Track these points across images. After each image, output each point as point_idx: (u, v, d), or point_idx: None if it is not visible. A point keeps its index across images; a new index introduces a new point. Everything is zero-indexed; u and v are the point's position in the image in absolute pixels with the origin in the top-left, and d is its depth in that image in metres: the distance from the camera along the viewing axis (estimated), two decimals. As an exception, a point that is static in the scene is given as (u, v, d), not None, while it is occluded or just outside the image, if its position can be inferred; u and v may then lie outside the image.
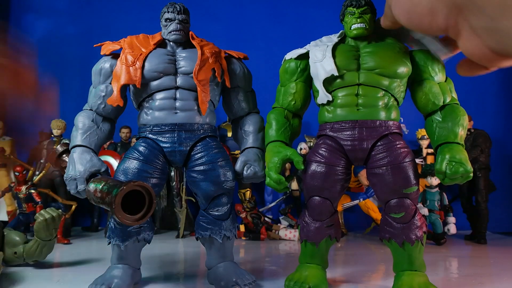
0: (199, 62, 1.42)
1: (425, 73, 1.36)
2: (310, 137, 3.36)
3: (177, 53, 1.47)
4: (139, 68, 1.39)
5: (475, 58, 0.37)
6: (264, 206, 3.29)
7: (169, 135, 1.43)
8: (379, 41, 1.39)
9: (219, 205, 1.44)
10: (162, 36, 1.50)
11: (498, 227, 3.41)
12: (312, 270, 1.41)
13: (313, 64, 1.40)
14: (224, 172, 1.43)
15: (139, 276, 1.50)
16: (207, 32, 1.85)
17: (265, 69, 2.74)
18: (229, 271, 1.43)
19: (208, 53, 1.45)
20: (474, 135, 2.99)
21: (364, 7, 1.36)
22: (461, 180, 1.24)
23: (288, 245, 2.62)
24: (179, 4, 1.49)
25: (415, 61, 1.38)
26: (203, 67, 1.42)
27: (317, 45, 1.44)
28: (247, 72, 1.56)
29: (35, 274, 1.70)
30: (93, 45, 1.53)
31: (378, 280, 1.64)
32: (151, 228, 1.47)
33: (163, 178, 1.45)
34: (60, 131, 3.11)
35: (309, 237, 1.42)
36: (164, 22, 1.48)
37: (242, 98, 1.55)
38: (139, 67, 1.39)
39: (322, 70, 1.36)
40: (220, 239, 1.44)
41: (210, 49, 1.48)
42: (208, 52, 1.46)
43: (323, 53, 1.38)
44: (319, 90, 1.39)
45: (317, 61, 1.38)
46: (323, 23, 1.47)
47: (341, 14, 1.43)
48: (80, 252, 2.25)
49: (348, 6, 1.38)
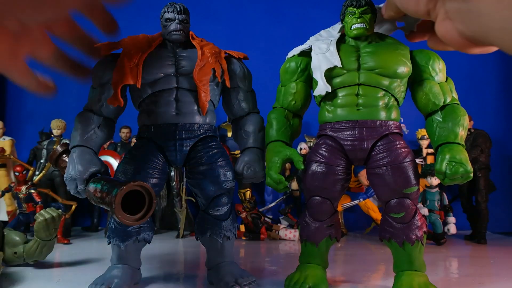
0: (199, 62, 1.42)
1: (426, 73, 1.36)
2: (310, 137, 3.36)
3: (177, 53, 1.47)
4: (139, 68, 1.39)
5: (447, 41, 0.38)
6: (264, 206, 3.29)
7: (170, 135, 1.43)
8: (380, 41, 1.39)
9: (219, 205, 1.44)
10: (162, 36, 1.50)
11: (498, 227, 3.41)
12: (312, 270, 1.41)
13: (315, 56, 1.39)
14: (224, 172, 1.43)
15: (139, 276, 1.50)
16: (207, 32, 1.85)
17: (265, 69, 2.74)
18: (229, 271, 1.43)
19: (208, 53, 1.45)
20: (474, 135, 2.99)
21: (364, 7, 1.36)
22: (461, 181, 1.24)
23: (288, 245, 2.62)
24: (179, 4, 1.49)
25: (415, 61, 1.38)
26: (203, 67, 1.42)
27: (318, 40, 1.44)
28: (247, 72, 1.56)
29: (35, 274, 1.70)
30: (93, 45, 1.53)
31: (378, 280, 1.64)
32: (151, 228, 1.47)
33: (163, 178, 1.45)
34: (60, 131, 3.11)
35: (309, 237, 1.42)
36: (164, 22, 1.48)
37: (242, 98, 1.55)
38: (139, 67, 1.39)
39: (325, 61, 1.36)
40: (220, 239, 1.44)
41: (210, 49, 1.48)
42: (208, 52, 1.46)
43: (327, 46, 1.38)
44: (319, 81, 1.38)
45: (320, 53, 1.38)
46: (323, 23, 1.46)
47: (341, 14, 1.43)
48: (80, 252, 2.25)
49: (349, 6, 1.38)
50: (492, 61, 3.75)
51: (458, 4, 0.36)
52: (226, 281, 1.38)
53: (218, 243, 1.45)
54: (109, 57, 1.45)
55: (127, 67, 1.39)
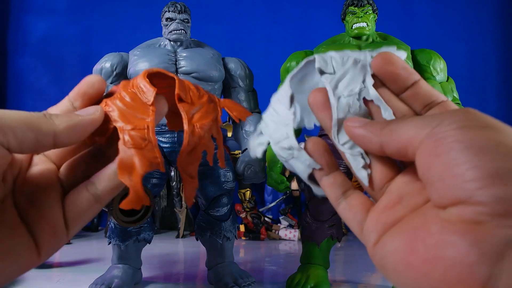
0: (186, 146, 1.21)
1: (427, 72, 1.36)
2: (310, 137, 3.36)
3: (177, 52, 1.47)
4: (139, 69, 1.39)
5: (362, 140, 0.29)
6: (264, 206, 3.28)
7: (169, 135, 1.43)
8: (381, 40, 1.39)
9: (219, 205, 1.44)
10: (163, 36, 1.50)
11: (498, 227, 3.41)
12: (314, 270, 1.41)
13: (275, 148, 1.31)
14: (224, 173, 1.43)
15: (140, 276, 1.50)
16: (207, 32, 1.86)
17: (265, 69, 2.74)
18: (229, 271, 1.43)
19: (199, 129, 1.30)
20: (475, 135, 2.99)
21: (365, 6, 1.36)
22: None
23: (288, 245, 2.61)
24: (180, 4, 1.48)
25: (417, 60, 1.38)
26: (191, 153, 1.25)
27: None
28: (248, 72, 1.56)
29: (35, 274, 1.70)
30: (93, 45, 1.53)
31: (378, 280, 1.63)
32: (152, 228, 1.47)
33: (163, 178, 1.44)
34: (60, 131, 3.11)
35: (310, 237, 1.42)
36: (165, 22, 1.48)
37: (243, 98, 1.54)
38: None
39: (300, 166, 1.01)
40: (220, 239, 1.44)
41: (203, 116, 1.34)
42: (199, 126, 1.31)
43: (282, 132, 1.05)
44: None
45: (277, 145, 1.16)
46: (323, 23, 1.46)
47: (342, 13, 1.43)
48: (80, 252, 2.25)
49: (350, 5, 1.38)
50: (492, 61, 3.75)
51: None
52: (226, 282, 1.38)
53: (218, 244, 1.45)
54: (110, 56, 1.46)
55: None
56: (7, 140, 0.26)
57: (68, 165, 0.34)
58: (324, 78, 0.30)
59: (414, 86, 0.29)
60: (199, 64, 1.44)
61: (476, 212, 0.21)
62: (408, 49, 1.37)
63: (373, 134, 0.28)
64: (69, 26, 3.44)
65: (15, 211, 0.29)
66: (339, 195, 0.32)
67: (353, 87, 0.30)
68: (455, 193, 0.21)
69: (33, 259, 0.29)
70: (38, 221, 0.29)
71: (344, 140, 0.30)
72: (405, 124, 0.26)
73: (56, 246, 0.31)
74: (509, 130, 0.23)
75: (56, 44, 3.39)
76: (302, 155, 0.32)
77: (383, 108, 0.29)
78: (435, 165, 0.23)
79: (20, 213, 0.29)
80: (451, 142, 0.22)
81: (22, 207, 0.29)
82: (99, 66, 1.46)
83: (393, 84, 0.29)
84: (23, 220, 0.29)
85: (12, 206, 0.29)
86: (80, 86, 0.34)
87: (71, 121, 0.30)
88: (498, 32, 3.37)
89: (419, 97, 0.29)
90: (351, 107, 0.30)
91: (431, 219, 0.23)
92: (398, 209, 0.27)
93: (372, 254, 0.29)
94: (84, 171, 0.34)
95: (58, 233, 0.30)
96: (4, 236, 0.27)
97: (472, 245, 0.20)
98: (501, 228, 0.20)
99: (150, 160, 0.32)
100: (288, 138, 0.33)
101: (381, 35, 1.41)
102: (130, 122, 0.32)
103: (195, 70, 1.43)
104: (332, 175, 0.32)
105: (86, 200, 0.32)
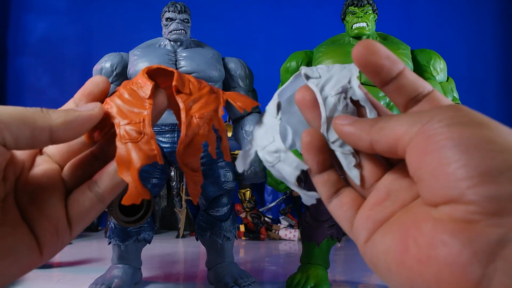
0: (184, 137, 1.23)
1: (427, 72, 1.36)
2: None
3: (177, 52, 1.47)
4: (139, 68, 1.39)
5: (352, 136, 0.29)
6: (264, 206, 3.28)
7: (169, 135, 1.43)
8: (381, 41, 1.39)
9: (219, 205, 1.44)
10: (163, 36, 1.50)
11: (498, 227, 3.40)
12: (314, 270, 1.41)
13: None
14: (224, 173, 1.43)
15: (140, 276, 1.50)
16: (207, 32, 1.85)
17: (265, 69, 2.74)
18: (229, 271, 1.43)
19: (197, 119, 1.30)
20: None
21: (365, 6, 1.36)
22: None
23: (288, 245, 2.61)
24: (180, 4, 1.48)
25: (417, 60, 1.37)
26: (190, 144, 1.26)
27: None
28: (248, 71, 1.56)
29: (35, 274, 1.70)
30: (93, 45, 1.53)
31: (378, 280, 1.63)
32: (152, 228, 1.47)
33: (163, 178, 1.44)
34: (60, 131, 3.10)
35: (310, 237, 1.42)
36: (165, 22, 1.48)
37: (243, 98, 1.54)
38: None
39: (288, 169, 0.74)
40: (220, 240, 1.44)
41: (202, 107, 1.34)
42: (197, 115, 1.31)
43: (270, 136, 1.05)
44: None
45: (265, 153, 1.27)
46: (323, 23, 1.46)
47: (342, 13, 1.43)
48: (80, 252, 2.25)
49: (350, 5, 1.38)
50: (492, 61, 3.75)
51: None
52: (226, 282, 1.38)
53: (218, 244, 1.45)
54: (110, 56, 1.46)
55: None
56: (2, 137, 0.26)
57: (71, 165, 0.33)
58: (310, 82, 0.31)
59: (398, 77, 0.27)
60: (199, 64, 1.44)
61: (467, 211, 0.21)
62: (408, 49, 1.37)
63: (363, 132, 0.27)
64: (69, 26, 3.44)
65: (17, 210, 0.29)
66: (332, 194, 0.31)
67: (339, 87, 0.30)
68: (447, 192, 0.21)
69: (35, 259, 0.29)
70: (40, 220, 0.29)
71: (334, 138, 0.30)
72: (395, 121, 0.26)
73: (59, 245, 0.31)
74: (499, 127, 0.23)
75: (56, 44, 3.39)
76: (289, 156, 0.31)
77: (369, 109, 0.29)
78: (426, 162, 0.23)
79: (22, 212, 0.29)
80: (441, 139, 0.22)
81: (24, 206, 0.29)
82: (99, 66, 1.46)
83: (376, 76, 0.27)
84: (24, 219, 0.29)
85: (14, 205, 0.29)
86: (85, 87, 0.34)
87: (68, 116, 0.29)
88: (498, 32, 3.37)
89: (404, 89, 0.28)
90: (338, 105, 0.29)
91: (422, 217, 0.23)
92: (386, 205, 0.27)
93: (363, 252, 0.29)
94: (87, 171, 0.33)
95: (60, 233, 0.30)
96: (5, 235, 0.27)
97: (464, 244, 0.20)
98: (493, 227, 0.20)
99: (146, 152, 0.31)
100: (274, 142, 0.33)
101: (381, 35, 1.41)
102: (126, 117, 0.32)
103: (195, 70, 1.43)
104: (326, 173, 0.31)
105: (88, 199, 0.32)
